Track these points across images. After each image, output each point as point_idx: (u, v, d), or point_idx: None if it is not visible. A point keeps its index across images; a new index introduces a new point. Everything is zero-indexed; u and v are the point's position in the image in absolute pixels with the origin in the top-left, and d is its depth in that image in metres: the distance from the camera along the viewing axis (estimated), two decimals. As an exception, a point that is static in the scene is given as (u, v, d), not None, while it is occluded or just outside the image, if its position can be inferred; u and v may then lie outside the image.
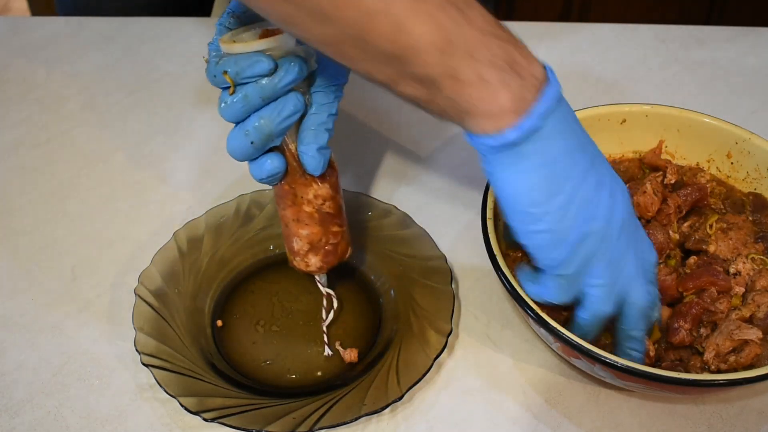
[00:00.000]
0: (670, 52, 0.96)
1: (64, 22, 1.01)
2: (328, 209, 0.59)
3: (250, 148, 0.54)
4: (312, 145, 0.55)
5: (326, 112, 0.56)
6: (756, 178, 0.69)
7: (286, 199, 0.59)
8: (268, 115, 0.53)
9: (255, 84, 0.52)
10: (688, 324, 0.58)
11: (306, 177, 0.57)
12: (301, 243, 0.60)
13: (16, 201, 0.78)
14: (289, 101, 0.53)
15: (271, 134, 0.54)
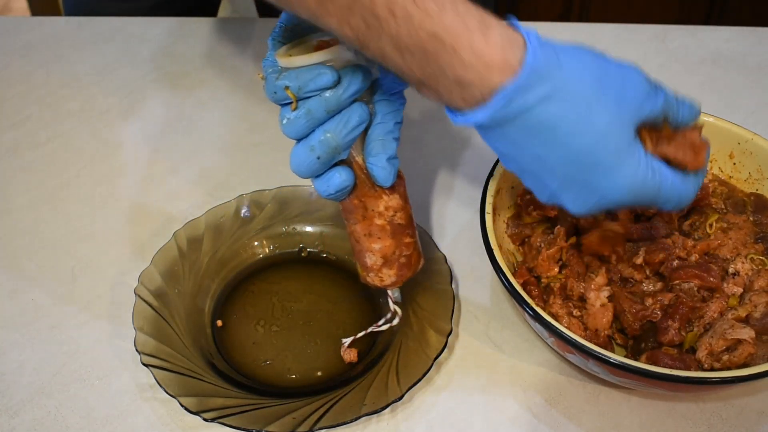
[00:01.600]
0: (670, 52, 0.96)
1: (64, 22, 1.01)
2: (400, 220, 0.57)
3: (316, 164, 0.52)
4: (381, 155, 0.54)
5: (392, 120, 0.54)
6: (758, 179, 0.69)
7: (355, 214, 0.57)
8: (333, 128, 0.51)
9: (318, 97, 0.50)
10: (676, 323, 0.58)
11: (375, 189, 0.55)
12: (375, 258, 0.58)
13: (16, 201, 0.78)
14: (355, 112, 0.51)
15: (337, 147, 0.52)
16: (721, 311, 0.59)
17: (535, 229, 0.67)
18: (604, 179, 0.47)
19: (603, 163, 0.47)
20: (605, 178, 0.47)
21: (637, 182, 0.48)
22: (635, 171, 0.47)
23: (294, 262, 0.71)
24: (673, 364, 0.56)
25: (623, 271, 0.63)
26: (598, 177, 0.47)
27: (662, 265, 0.62)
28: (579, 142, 0.46)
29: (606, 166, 0.47)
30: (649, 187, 0.48)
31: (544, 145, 0.46)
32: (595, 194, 0.48)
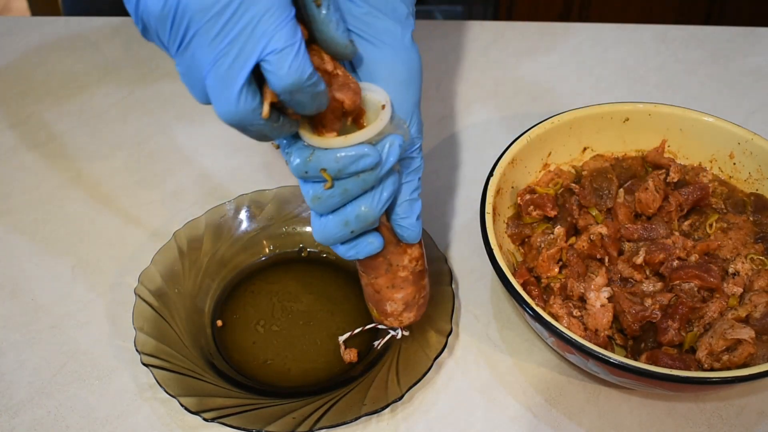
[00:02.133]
0: (670, 52, 0.96)
1: (64, 22, 1.01)
2: (421, 267, 0.57)
3: (349, 236, 0.50)
4: (411, 216, 0.52)
5: (416, 177, 0.52)
6: (758, 179, 0.69)
7: (378, 270, 0.56)
8: (369, 203, 0.49)
9: (356, 178, 0.47)
10: (676, 323, 0.58)
11: (401, 245, 0.54)
12: (396, 305, 0.58)
13: (16, 201, 0.78)
14: (389, 184, 0.49)
15: (374, 222, 0.50)
16: (721, 311, 0.59)
17: (535, 229, 0.67)
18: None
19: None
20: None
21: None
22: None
23: (294, 262, 0.71)
24: (673, 364, 0.56)
25: (623, 271, 0.63)
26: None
27: (662, 265, 0.62)
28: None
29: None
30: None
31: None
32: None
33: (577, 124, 0.71)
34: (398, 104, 0.49)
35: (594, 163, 0.72)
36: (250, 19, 0.41)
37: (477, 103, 0.89)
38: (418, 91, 0.50)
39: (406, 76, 0.50)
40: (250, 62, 0.41)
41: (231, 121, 0.43)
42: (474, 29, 1.00)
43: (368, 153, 0.46)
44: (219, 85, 0.42)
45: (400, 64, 0.49)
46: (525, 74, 0.93)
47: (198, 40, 0.42)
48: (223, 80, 0.42)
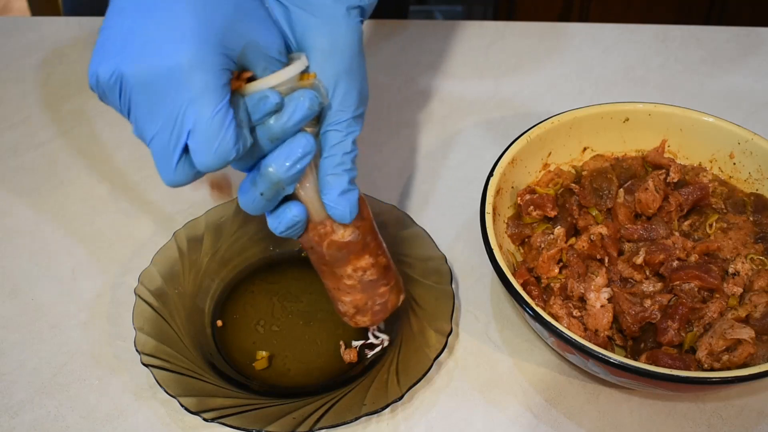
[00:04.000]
0: (670, 52, 0.96)
1: (64, 22, 1.01)
2: (371, 276, 0.56)
3: (261, 200, 0.50)
4: (332, 191, 0.51)
5: (340, 152, 0.51)
6: (758, 179, 0.69)
7: (323, 273, 0.56)
8: (274, 160, 0.48)
9: (262, 125, 0.48)
10: (676, 324, 0.58)
11: (327, 226, 0.53)
12: (346, 307, 0.57)
13: (16, 201, 0.78)
14: (297, 144, 0.48)
15: (279, 182, 0.49)
16: (721, 311, 0.59)
17: (535, 229, 0.67)
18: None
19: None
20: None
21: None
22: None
23: (294, 262, 0.71)
24: (673, 364, 0.56)
25: (623, 271, 0.63)
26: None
27: (662, 265, 0.62)
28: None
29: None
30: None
31: None
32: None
33: (577, 124, 0.71)
34: (319, 72, 0.50)
35: (594, 163, 0.72)
36: (182, 103, 0.44)
37: (477, 103, 0.89)
38: (342, 62, 0.50)
39: (329, 46, 0.49)
40: (180, 144, 0.45)
41: (174, 186, 0.47)
42: (474, 29, 1.00)
43: (268, 95, 0.47)
44: (158, 156, 0.46)
45: (323, 34, 0.50)
46: (525, 74, 0.93)
47: (139, 113, 0.45)
48: (161, 154, 0.46)
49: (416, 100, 0.90)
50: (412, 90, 0.91)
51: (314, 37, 0.50)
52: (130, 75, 0.44)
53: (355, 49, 0.51)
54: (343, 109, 0.51)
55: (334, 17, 0.50)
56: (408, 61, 0.95)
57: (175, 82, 0.43)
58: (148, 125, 0.45)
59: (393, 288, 0.58)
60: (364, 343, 0.64)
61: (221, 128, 0.44)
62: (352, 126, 0.51)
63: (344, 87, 0.50)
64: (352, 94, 0.51)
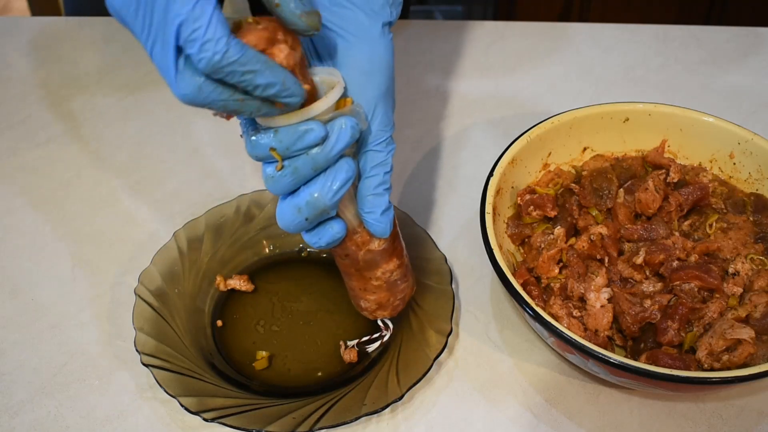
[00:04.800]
0: (670, 52, 0.96)
1: (64, 22, 1.01)
2: (396, 277, 0.58)
3: (304, 223, 0.50)
4: (375, 211, 0.51)
5: (382, 172, 0.51)
6: (758, 179, 0.69)
7: (351, 276, 0.58)
8: (320, 188, 0.48)
9: (305, 156, 0.47)
10: (676, 324, 0.58)
11: (365, 236, 0.54)
12: (369, 304, 0.60)
13: (16, 201, 0.78)
14: (341, 170, 0.48)
15: (325, 208, 0.49)
16: (721, 311, 0.59)
17: (535, 229, 0.67)
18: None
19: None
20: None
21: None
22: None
23: (294, 262, 0.71)
24: (673, 364, 0.56)
25: (623, 271, 0.63)
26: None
27: (662, 265, 0.62)
28: None
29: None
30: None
31: None
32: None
33: (577, 124, 0.71)
34: (358, 94, 0.49)
35: (594, 163, 0.72)
36: (164, 5, 0.40)
37: (477, 103, 0.89)
38: (382, 83, 0.50)
39: (368, 67, 0.49)
40: (171, 48, 0.41)
41: (186, 102, 0.43)
42: (474, 29, 1.00)
43: (312, 128, 0.46)
44: (161, 68, 0.43)
45: (362, 54, 0.49)
46: (525, 74, 0.93)
47: (135, 31, 0.43)
48: (161, 63, 0.42)
49: (416, 100, 0.90)
50: (412, 90, 0.91)
51: (353, 57, 0.49)
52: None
53: (392, 67, 0.50)
54: (382, 129, 0.51)
55: (371, 36, 0.49)
56: (408, 61, 0.95)
57: None
58: (142, 40, 0.43)
59: (410, 283, 0.61)
60: (359, 342, 0.64)
61: (202, 16, 0.40)
62: (391, 144, 0.52)
63: (383, 108, 0.50)
64: (389, 113, 0.50)
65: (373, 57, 0.49)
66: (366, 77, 0.49)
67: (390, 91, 0.51)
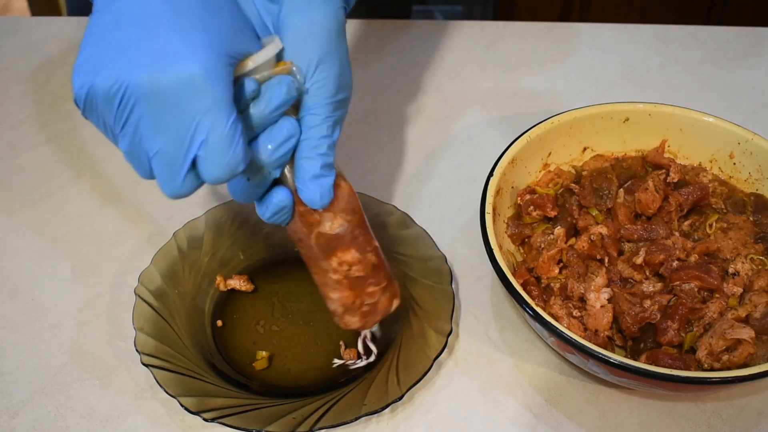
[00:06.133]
0: (670, 52, 0.96)
1: (64, 22, 1.01)
2: (358, 272, 0.55)
3: (248, 186, 0.50)
4: (304, 175, 0.50)
5: (317, 136, 0.50)
6: (758, 179, 0.69)
7: (312, 267, 0.56)
8: (257, 145, 0.48)
9: (241, 114, 0.47)
10: (676, 324, 0.58)
11: (314, 214, 0.52)
12: (335, 305, 0.57)
13: (17, 201, 0.78)
14: (281, 127, 0.49)
15: (264, 166, 0.49)
16: (721, 311, 0.59)
17: (535, 229, 0.67)
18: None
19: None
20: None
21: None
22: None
23: (294, 262, 0.71)
24: (673, 364, 0.56)
25: (623, 271, 0.63)
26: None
27: (662, 265, 0.62)
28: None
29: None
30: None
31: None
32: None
33: (577, 124, 0.71)
34: (295, 57, 0.50)
35: (594, 163, 0.72)
36: (195, 114, 0.43)
37: (477, 103, 0.89)
38: (320, 47, 0.50)
39: (306, 32, 0.49)
40: (190, 156, 0.45)
41: (176, 198, 0.49)
42: (474, 29, 1.00)
43: (243, 82, 0.46)
44: (163, 170, 0.46)
45: (301, 21, 0.49)
46: (525, 74, 0.93)
47: (144, 125, 0.45)
48: (167, 167, 0.46)
49: (417, 99, 0.90)
50: (413, 90, 0.91)
51: (291, 22, 0.50)
52: (136, 84, 0.43)
53: (333, 34, 0.50)
54: (320, 93, 0.50)
55: (313, 4, 0.50)
56: (408, 61, 0.95)
57: (189, 93, 0.43)
58: (153, 138, 0.45)
59: (385, 290, 0.57)
60: (345, 363, 0.63)
61: (233, 141, 0.45)
62: (331, 111, 0.51)
63: (323, 72, 0.50)
64: (331, 79, 0.50)
65: (312, 23, 0.50)
66: (302, 41, 0.50)
67: (330, 57, 0.50)
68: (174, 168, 0.46)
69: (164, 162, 0.46)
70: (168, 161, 0.46)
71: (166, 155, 0.45)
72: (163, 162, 0.46)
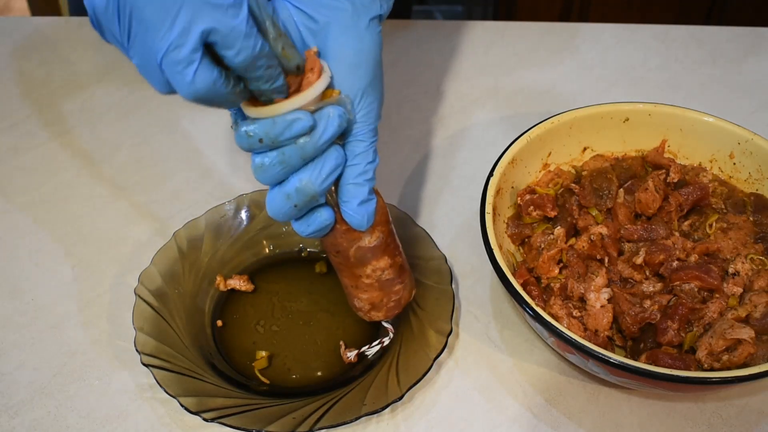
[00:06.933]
0: (670, 52, 0.96)
1: (64, 22, 1.01)
2: (388, 276, 0.57)
3: (293, 210, 0.51)
4: (352, 201, 0.52)
5: (364, 161, 0.51)
6: (758, 179, 0.69)
7: (343, 272, 0.57)
8: (309, 176, 0.49)
9: (293, 145, 0.48)
10: (675, 324, 0.58)
11: (356, 231, 0.54)
12: (362, 303, 0.59)
13: (16, 201, 0.78)
14: (330, 158, 0.49)
15: (315, 195, 0.50)
16: (721, 311, 0.59)
17: (535, 229, 0.67)
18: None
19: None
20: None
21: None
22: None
23: (294, 262, 0.71)
24: (673, 364, 0.56)
25: (623, 271, 0.63)
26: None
27: (662, 266, 0.62)
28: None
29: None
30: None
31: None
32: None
33: (577, 124, 0.71)
34: (344, 85, 0.50)
35: (594, 163, 0.72)
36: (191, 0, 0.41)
37: (477, 103, 0.89)
38: (367, 75, 0.50)
39: (354, 59, 0.50)
40: (197, 41, 0.42)
41: (196, 99, 0.44)
42: (474, 29, 1.00)
43: (300, 117, 0.47)
44: (174, 69, 0.43)
45: (348, 47, 0.50)
46: (525, 74, 0.93)
47: (145, 28, 0.42)
48: (177, 64, 0.43)
49: (417, 99, 0.90)
50: (413, 90, 0.91)
51: (339, 49, 0.50)
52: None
53: (378, 60, 0.51)
54: (366, 120, 0.51)
55: (358, 29, 0.50)
56: (408, 61, 0.95)
57: None
58: (156, 37, 0.42)
59: (406, 285, 0.59)
60: (359, 352, 0.64)
61: (239, 17, 0.42)
62: (374, 135, 0.52)
63: (368, 99, 0.51)
64: (375, 105, 0.51)
65: (360, 50, 0.50)
66: (351, 69, 0.50)
67: (375, 83, 0.51)
68: (185, 63, 0.43)
69: (174, 60, 0.43)
70: (178, 58, 0.42)
71: (173, 50, 0.42)
72: (173, 61, 0.43)
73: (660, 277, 0.63)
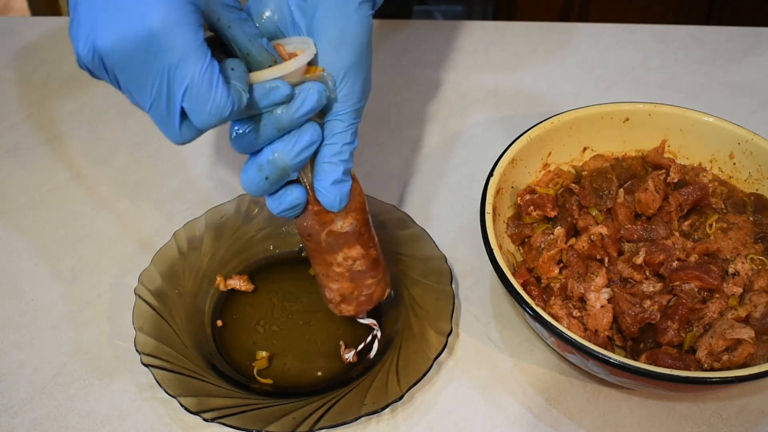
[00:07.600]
0: (670, 52, 0.96)
1: (64, 22, 1.01)
2: (360, 267, 0.57)
3: (265, 184, 0.51)
4: (325, 179, 0.52)
5: (341, 142, 0.52)
6: (758, 179, 0.69)
7: (315, 259, 0.57)
8: (282, 148, 0.49)
9: (269, 114, 0.48)
10: (675, 324, 0.58)
11: (328, 213, 0.54)
12: (333, 294, 0.59)
13: (16, 201, 0.78)
14: (305, 133, 0.50)
15: (286, 168, 0.50)
16: (721, 311, 0.59)
17: (535, 229, 0.67)
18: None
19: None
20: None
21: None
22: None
23: (294, 262, 0.71)
24: (673, 364, 0.56)
25: (623, 271, 0.63)
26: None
27: (662, 266, 0.62)
28: None
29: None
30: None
31: None
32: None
33: (577, 124, 0.71)
34: (327, 63, 0.50)
35: (594, 163, 0.72)
36: (168, 67, 0.43)
37: (477, 103, 0.89)
38: (351, 55, 0.51)
39: (339, 38, 0.50)
40: (176, 108, 0.45)
41: (183, 144, 0.48)
42: (474, 29, 1.00)
43: (279, 86, 0.47)
44: (160, 123, 0.46)
45: (334, 27, 0.50)
46: (525, 74, 0.93)
47: (129, 84, 0.45)
48: (161, 120, 0.46)
49: (417, 99, 0.90)
50: (413, 90, 0.91)
51: (325, 27, 0.50)
52: (107, 51, 0.43)
53: (364, 42, 0.51)
54: (347, 100, 0.51)
55: (346, 9, 0.50)
56: (409, 61, 0.95)
57: (155, 48, 0.42)
58: (141, 95, 0.45)
59: (380, 281, 0.59)
60: (356, 351, 0.63)
61: (212, 85, 0.44)
62: (354, 118, 0.52)
63: (351, 79, 0.51)
64: (357, 86, 0.51)
65: (345, 29, 0.50)
66: (335, 48, 0.50)
67: (360, 65, 0.51)
68: (168, 121, 0.46)
69: (158, 116, 0.46)
70: (161, 115, 0.45)
71: (157, 110, 0.45)
72: (157, 116, 0.46)
73: (660, 277, 0.63)
